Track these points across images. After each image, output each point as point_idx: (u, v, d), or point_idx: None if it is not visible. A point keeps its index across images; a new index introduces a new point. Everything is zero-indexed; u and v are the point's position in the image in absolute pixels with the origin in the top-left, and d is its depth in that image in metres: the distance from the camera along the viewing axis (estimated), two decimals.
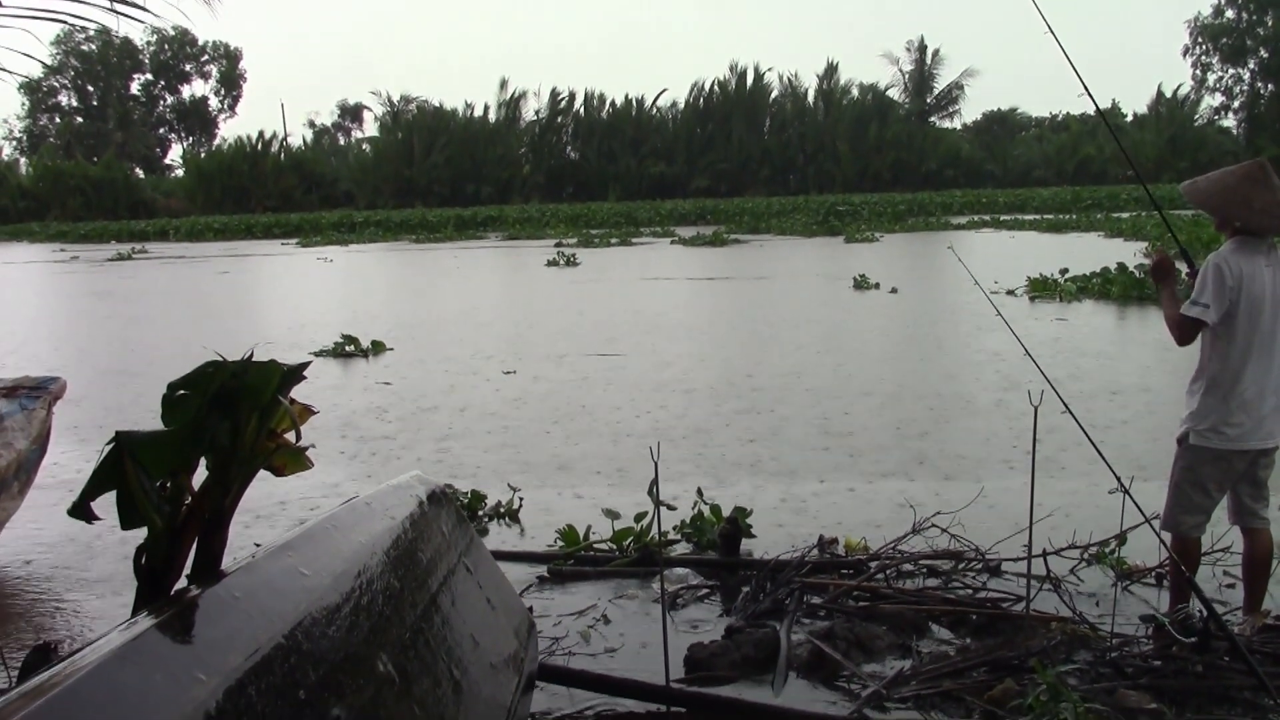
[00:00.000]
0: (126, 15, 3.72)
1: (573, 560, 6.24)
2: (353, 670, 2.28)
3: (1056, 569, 5.67)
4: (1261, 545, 4.88)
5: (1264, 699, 4.14)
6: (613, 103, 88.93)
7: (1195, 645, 4.50)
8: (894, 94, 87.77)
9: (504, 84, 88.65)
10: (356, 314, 19.62)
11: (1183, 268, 5.17)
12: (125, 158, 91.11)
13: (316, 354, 14.31)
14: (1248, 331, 4.65)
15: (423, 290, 26.88)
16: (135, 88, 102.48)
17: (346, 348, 14.83)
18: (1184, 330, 4.75)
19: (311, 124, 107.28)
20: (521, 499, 7.29)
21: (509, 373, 12.86)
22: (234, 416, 2.50)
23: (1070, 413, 4.74)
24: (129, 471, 2.35)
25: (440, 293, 25.70)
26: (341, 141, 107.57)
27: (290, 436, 2.68)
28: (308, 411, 2.76)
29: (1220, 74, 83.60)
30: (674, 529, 6.56)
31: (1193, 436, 4.76)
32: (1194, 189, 4.97)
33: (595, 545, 6.41)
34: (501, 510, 7.20)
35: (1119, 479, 4.48)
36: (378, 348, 14.96)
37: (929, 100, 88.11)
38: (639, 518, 6.40)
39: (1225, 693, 4.29)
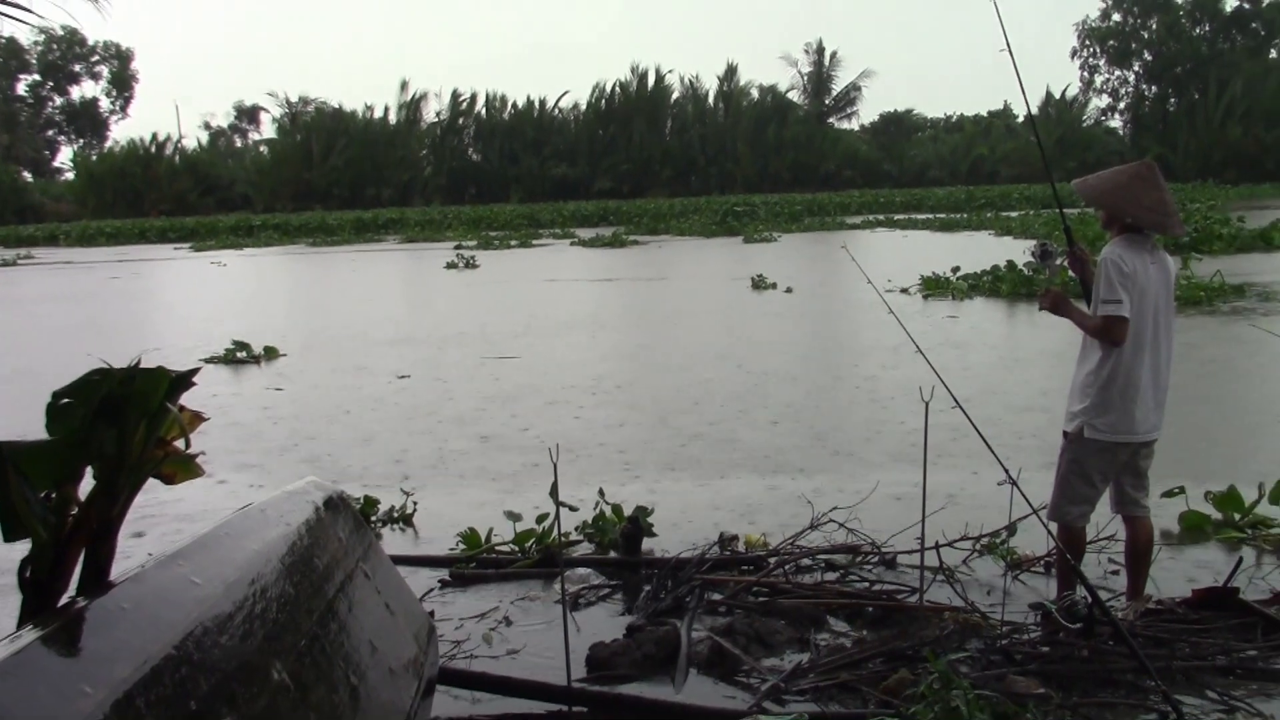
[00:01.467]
0: (9, 15, 3.59)
1: (474, 563, 6.23)
2: (246, 679, 2.26)
3: (949, 560, 5.82)
4: (1142, 533, 5.06)
5: (1145, 680, 4.29)
6: (514, 104, 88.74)
7: (1081, 631, 4.65)
8: (793, 96, 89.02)
9: (404, 85, 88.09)
10: (249, 319, 19.27)
11: (1060, 256, 5.33)
12: (11, 161, 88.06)
13: (207, 361, 14.01)
14: (1138, 327, 4.80)
15: (318, 295, 26.50)
16: (22, 88, 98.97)
17: (238, 354, 14.56)
18: (1111, 330, 4.78)
19: (207, 126, 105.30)
20: (416, 503, 7.25)
21: (404, 377, 12.75)
22: (121, 425, 2.47)
23: (960, 407, 4.86)
24: (11, 482, 2.31)
25: (336, 297, 25.36)
26: (238, 144, 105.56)
27: (180, 444, 2.65)
28: (198, 419, 2.72)
29: (1107, 76, 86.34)
30: (576, 530, 6.59)
31: (1086, 430, 4.89)
32: (1085, 186, 5.10)
33: (497, 548, 6.41)
34: (396, 515, 7.16)
35: (1007, 471, 4.60)
36: (271, 353, 14.73)
37: (827, 102, 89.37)
38: (541, 519, 6.41)
39: (1109, 675, 4.43)
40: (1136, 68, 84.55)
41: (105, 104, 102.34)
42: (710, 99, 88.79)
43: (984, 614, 5.06)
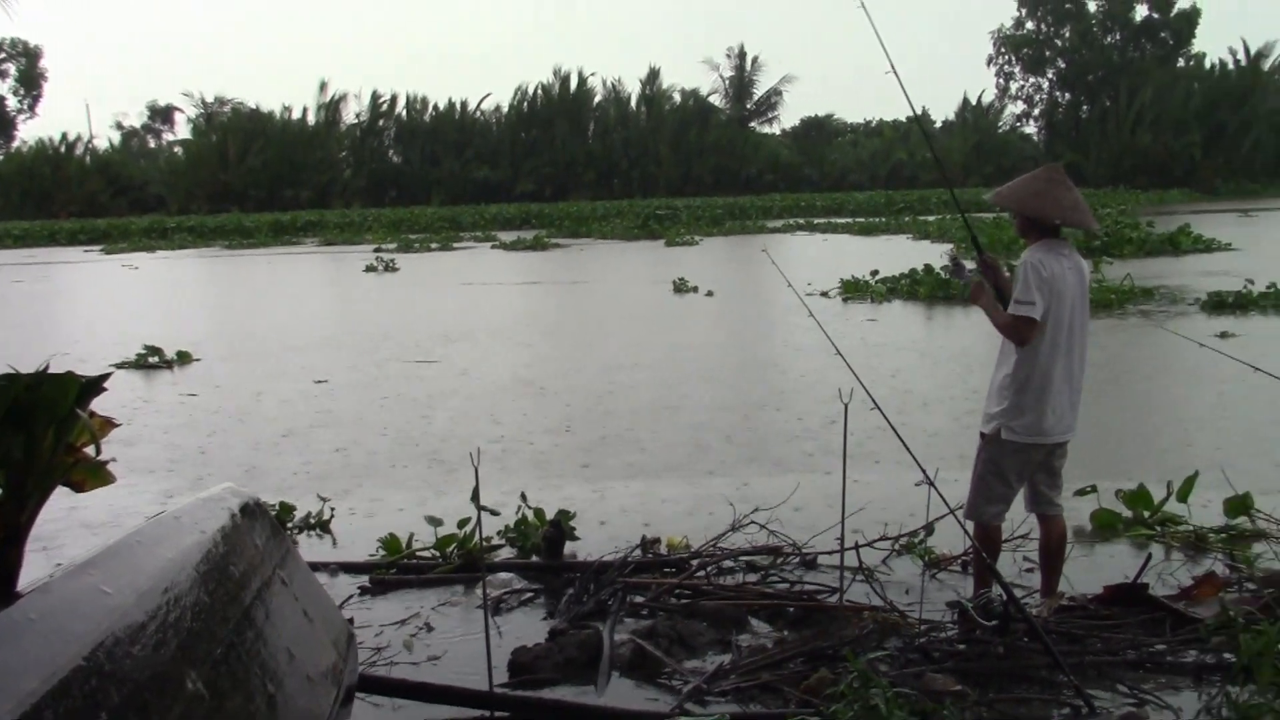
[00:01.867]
0: None
1: (394, 569, 6.18)
2: (160, 690, 2.22)
3: (869, 560, 5.90)
4: (1056, 531, 5.17)
5: (1059, 675, 4.39)
6: (435, 106, 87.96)
7: (996, 628, 4.74)
8: (715, 100, 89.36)
9: (323, 86, 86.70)
10: (163, 324, 18.85)
11: (971, 264, 5.39)
12: None
13: (119, 366, 13.71)
14: (1055, 330, 4.88)
15: (234, 298, 26.10)
16: None
17: (150, 359, 14.25)
18: (1019, 331, 4.86)
19: (119, 125, 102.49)
20: (333, 509, 7.17)
21: (320, 381, 12.61)
22: (28, 431, 2.41)
23: (878, 409, 4.94)
24: None
25: (252, 301, 25.00)
26: (152, 144, 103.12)
27: (90, 451, 2.59)
28: (109, 424, 2.67)
29: (1022, 83, 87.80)
30: (498, 534, 6.57)
31: (1004, 432, 4.97)
32: (1002, 197, 5.19)
33: (418, 553, 6.36)
34: (313, 521, 7.08)
35: (924, 472, 4.69)
36: (184, 358, 14.45)
37: (749, 106, 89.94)
38: (462, 524, 6.38)
39: (1024, 672, 4.53)
40: (1050, 75, 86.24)
41: (12, 103, 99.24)
42: (633, 102, 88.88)
43: (902, 613, 5.14)
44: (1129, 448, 8.68)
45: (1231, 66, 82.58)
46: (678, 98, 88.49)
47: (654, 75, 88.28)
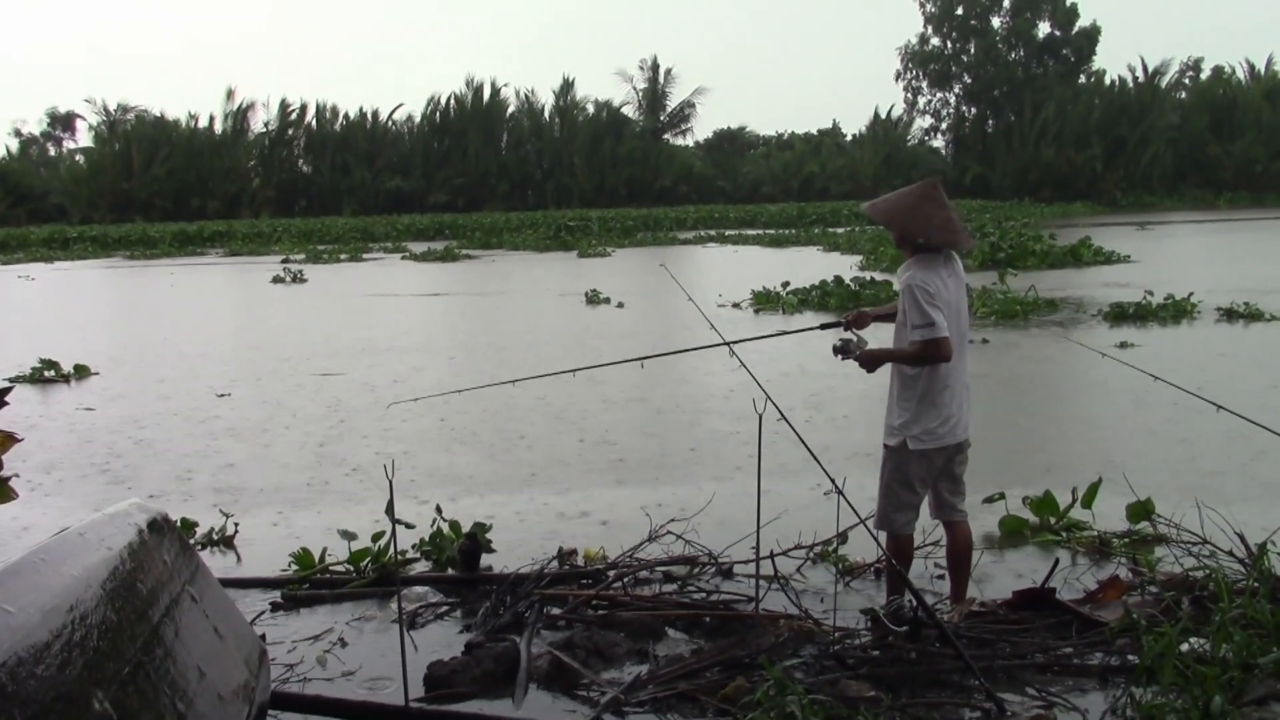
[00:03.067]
0: None
1: (307, 584, 6.08)
2: (65, 710, 2.17)
3: (784, 569, 5.94)
4: (961, 537, 5.27)
5: (970, 679, 4.47)
6: (346, 115, 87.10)
7: (908, 634, 4.81)
8: (629, 111, 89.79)
9: (230, 94, 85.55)
10: (59, 336, 18.34)
11: (851, 335, 5.24)
12: None
13: (13, 380, 13.29)
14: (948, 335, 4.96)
15: (134, 310, 25.60)
16: None
17: (46, 373, 13.85)
18: (938, 350, 4.90)
19: (18, 133, 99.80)
20: (237, 525, 7.04)
21: (223, 395, 12.38)
22: None
23: (785, 420, 5.00)
24: None
25: (154, 312, 24.51)
26: (52, 152, 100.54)
27: None
28: (10, 439, 2.60)
29: (929, 97, 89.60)
30: (413, 547, 6.50)
31: (910, 442, 5.04)
32: (876, 209, 5.27)
33: (331, 568, 6.27)
34: (216, 537, 6.94)
35: (833, 481, 4.75)
36: (81, 372, 14.06)
37: (662, 118, 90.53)
38: (376, 537, 6.30)
39: (936, 676, 4.60)
40: (957, 90, 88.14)
41: None
42: (546, 114, 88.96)
43: (817, 620, 5.19)
44: (1035, 455, 8.87)
45: (1131, 83, 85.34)
46: (591, 109, 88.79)
47: (568, 86, 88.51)
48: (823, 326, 5.65)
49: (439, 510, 6.70)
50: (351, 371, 13.92)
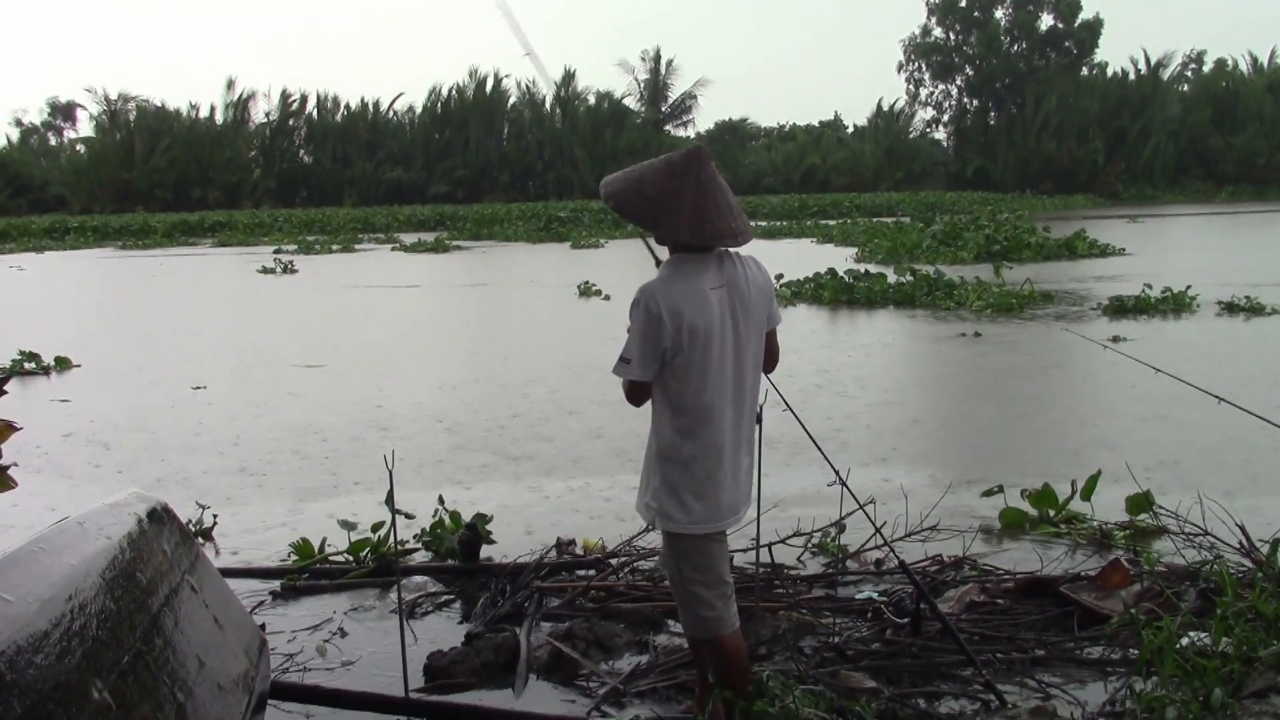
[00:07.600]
0: None
1: (307, 574, 6.09)
2: (64, 700, 2.16)
3: (784, 558, 5.94)
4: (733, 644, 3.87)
5: (970, 671, 4.47)
6: (347, 106, 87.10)
7: (909, 626, 4.81)
8: (630, 102, 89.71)
9: (231, 84, 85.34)
10: (44, 327, 18.17)
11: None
12: None
13: None
14: (701, 377, 3.62)
15: (122, 301, 25.55)
16: None
17: (26, 364, 13.73)
18: (627, 395, 3.79)
19: (18, 122, 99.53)
20: (216, 516, 6.99)
21: (199, 388, 12.32)
22: None
23: (790, 410, 4.98)
24: None
25: (139, 303, 24.51)
26: (53, 142, 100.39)
27: None
28: (9, 428, 2.60)
29: (931, 89, 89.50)
30: (413, 538, 6.50)
31: (669, 525, 3.78)
32: (613, 190, 3.66)
33: (331, 558, 6.28)
34: (202, 526, 6.87)
35: (836, 472, 4.74)
36: (63, 364, 13.95)
37: (664, 109, 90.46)
38: (376, 528, 6.30)
39: (936, 668, 4.60)
40: (959, 82, 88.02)
41: None
42: (547, 105, 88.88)
43: (817, 611, 5.18)
44: (1034, 448, 8.86)
45: (1133, 75, 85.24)
46: (593, 100, 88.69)
47: (569, 77, 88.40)
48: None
49: (440, 500, 6.70)
50: (334, 362, 13.91)
